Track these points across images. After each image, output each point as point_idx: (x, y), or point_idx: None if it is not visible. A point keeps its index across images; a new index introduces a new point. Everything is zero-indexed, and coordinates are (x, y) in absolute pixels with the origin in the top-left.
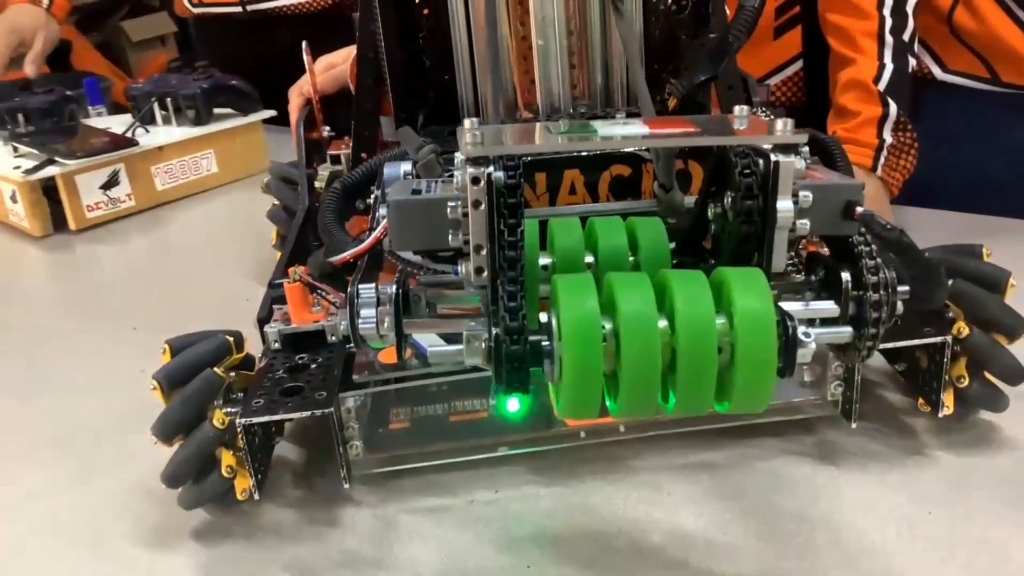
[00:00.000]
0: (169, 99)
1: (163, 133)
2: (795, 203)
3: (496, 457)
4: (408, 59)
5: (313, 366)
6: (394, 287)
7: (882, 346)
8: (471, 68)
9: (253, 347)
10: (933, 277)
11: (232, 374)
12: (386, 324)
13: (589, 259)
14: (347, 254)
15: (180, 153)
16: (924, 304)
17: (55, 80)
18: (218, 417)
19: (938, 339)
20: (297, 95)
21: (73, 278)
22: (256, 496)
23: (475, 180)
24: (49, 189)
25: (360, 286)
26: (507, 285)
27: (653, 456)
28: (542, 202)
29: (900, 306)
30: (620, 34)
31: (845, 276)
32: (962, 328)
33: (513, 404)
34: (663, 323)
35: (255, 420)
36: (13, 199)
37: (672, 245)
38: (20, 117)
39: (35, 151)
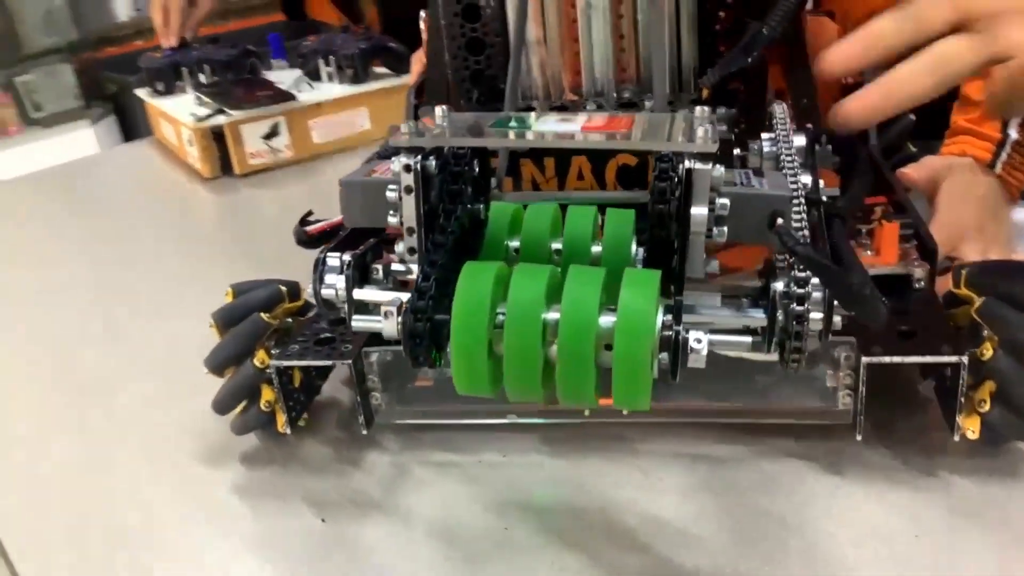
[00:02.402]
0: (332, 57)
1: (325, 89)
2: (711, 210)
3: (513, 424)
4: (468, 42)
5: None
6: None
7: (892, 360)
8: (533, 50)
9: None
10: (857, 295)
11: (289, 319)
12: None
13: (557, 245)
14: (320, 225)
15: (337, 109)
16: (868, 321)
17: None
18: (260, 357)
19: (952, 358)
20: (416, 62)
21: (233, 217)
22: (288, 431)
23: (407, 168)
24: (219, 135)
25: (328, 254)
26: (425, 267)
27: (660, 443)
28: (550, 186)
29: (838, 322)
30: (648, 19)
31: (775, 287)
32: (986, 349)
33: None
34: (554, 315)
35: (284, 363)
36: (189, 143)
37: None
38: (206, 68)
39: (211, 101)
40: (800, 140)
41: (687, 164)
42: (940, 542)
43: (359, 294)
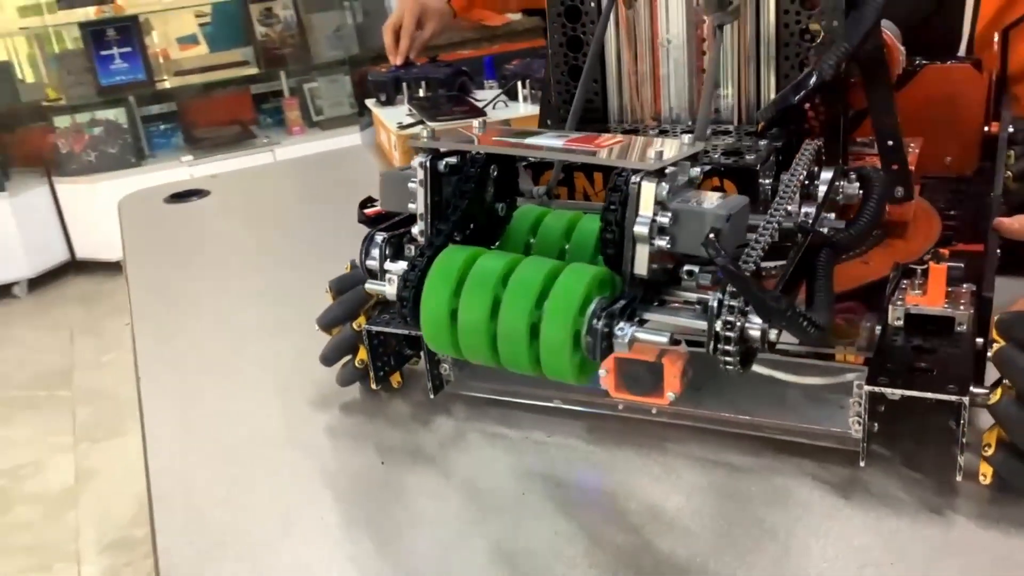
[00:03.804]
0: (528, 80)
1: (516, 108)
2: (653, 222)
3: (566, 411)
4: (570, 68)
5: None
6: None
7: (894, 392)
8: (617, 78)
9: None
10: (767, 309)
11: None
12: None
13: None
14: (376, 208)
15: (521, 126)
16: (800, 338)
17: None
18: (358, 321)
19: (952, 397)
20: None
21: None
22: (374, 387)
23: (421, 165)
24: None
25: (376, 232)
26: (423, 246)
27: (690, 446)
28: (599, 198)
29: (773, 335)
30: (709, 56)
31: (712, 299)
32: (995, 395)
33: None
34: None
35: (373, 328)
36: (394, 147)
37: None
38: (423, 84)
39: (417, 112)
40: (827, 175)
41: (633, 179)
42: (912, 574)
43: (389, 266)
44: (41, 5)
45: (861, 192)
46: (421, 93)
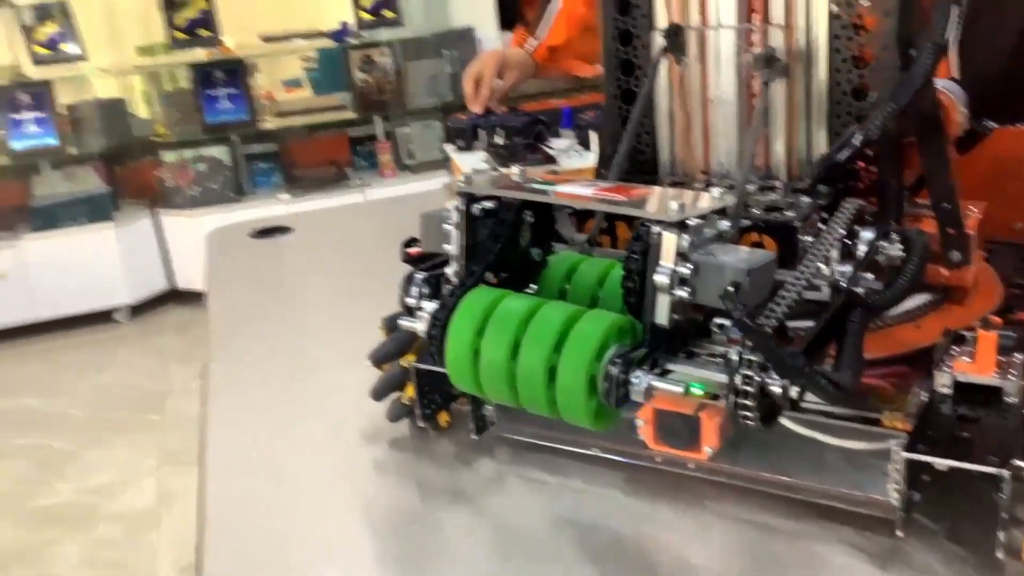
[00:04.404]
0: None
1: (589, 157)
2: (674, 273)
3: (607, 460)
4: (623, 120)
5: None
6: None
7: (931, 459)
8: (669, 132)
9: None
10: (785, 365)
11: None
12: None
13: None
14: (417, 248)
15: (591, 174)
16: (820, 396)
17: None
18: (407, 358)
19: (991, 469)
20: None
21: None
22: (420, 424)
23: (456, 208)
24: None
25: (416, 271)
26: (455, 286)
27: (727, 503)
28: None
29: (795, 392)
30: (756, 111)
31: (730, 353)
32: None
33: None
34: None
35: (419, 366)
36: None
37: None
38: (500, 131)
39: (491, 158)
40: (868, 234)
41: (655, 230)
42: None
43: (424, 304)
44: (156, 46)
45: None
46: (498, 140)
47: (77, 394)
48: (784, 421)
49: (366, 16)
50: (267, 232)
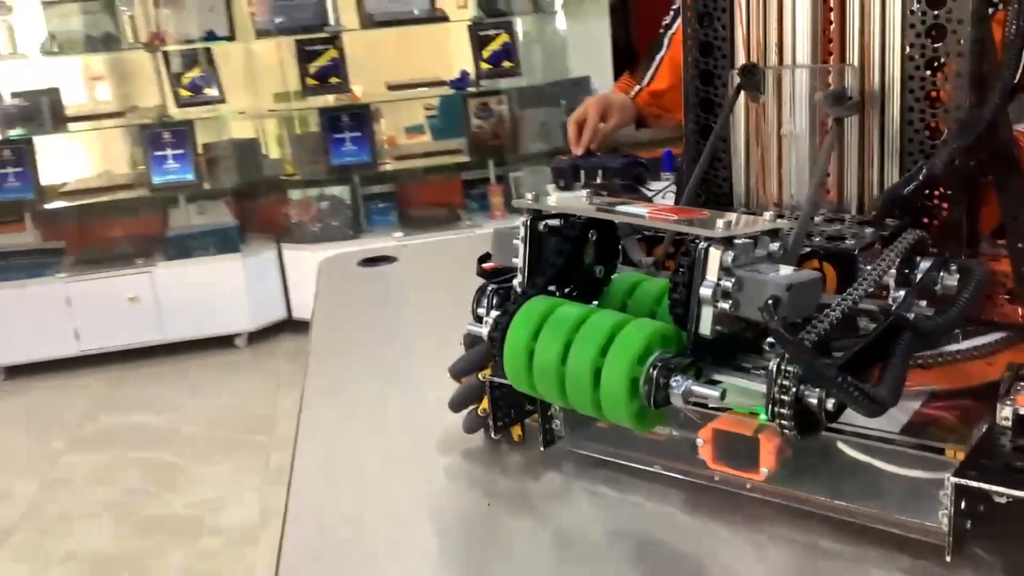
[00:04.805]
0: None
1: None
2: (717, 286)
3: (669, 478)
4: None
5: None
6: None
7: (980, 486)
8: (745, 166)
9: None
10: (817, 373)
11: None
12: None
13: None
14: (491, 263)
15: None
16: (856, 409)
17: None
18: (484, 372)
19: None
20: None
21: None
22: (493, 436)
23: (523, 223)
24: None
25: (489, 283)
26: (518, 297)
27: (783, 525)
28: None
29: (831, 404)
30: (824, 146)
31: (770, 363)
32: None
33: None
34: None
35: (494, 379)
36: None
37: None
38: (599, 173)
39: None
40: (925, 264)
41: (702, 245)
42: None
43: (493, 312)
44: (290, 93)
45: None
46: (597, 181)
47: (192, 412)
48: (843, 446)
49: (486, 66)
50: (374, 261)
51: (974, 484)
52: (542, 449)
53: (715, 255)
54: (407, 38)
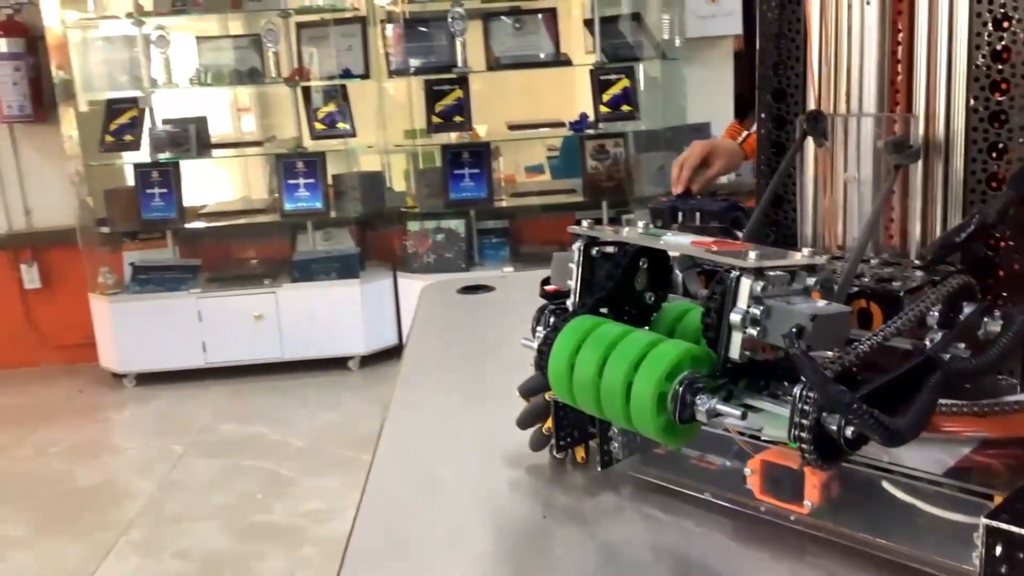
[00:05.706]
0: None
1: None
2: (747, 313)
3: (720, 507)
4: (772, 197)
5: None
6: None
7: (1011, 528)
8: (812, 209)
9: None
10: (833, 398)
11: None
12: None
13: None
14: (553, 287)
15: None
16: (874, 438)
17: None
18: (550, 392)
19: None
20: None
21: None
22: (556, 454)
23: (577, 248)
24: None
25: (549, 304)
26: (568, 316)
27: (829, 560)
28: None
29: (850, 432)
30: (881, 191)
31: (795, 389)
32: None
33: None
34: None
35: (558, 399)
36: None
37: None
38: (697, 215)
39: None
40: (968, 308)
41: (733, 274)
42: None
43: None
44: (416, 130)
45: None
46: (694, 224)
47: (303, 428)
48: (887, 486)
49: (605, 109)
50: (473, 289)
51: (1005, 527)
52: (599, 469)
53: (746, 284)
54: (531, 80)
